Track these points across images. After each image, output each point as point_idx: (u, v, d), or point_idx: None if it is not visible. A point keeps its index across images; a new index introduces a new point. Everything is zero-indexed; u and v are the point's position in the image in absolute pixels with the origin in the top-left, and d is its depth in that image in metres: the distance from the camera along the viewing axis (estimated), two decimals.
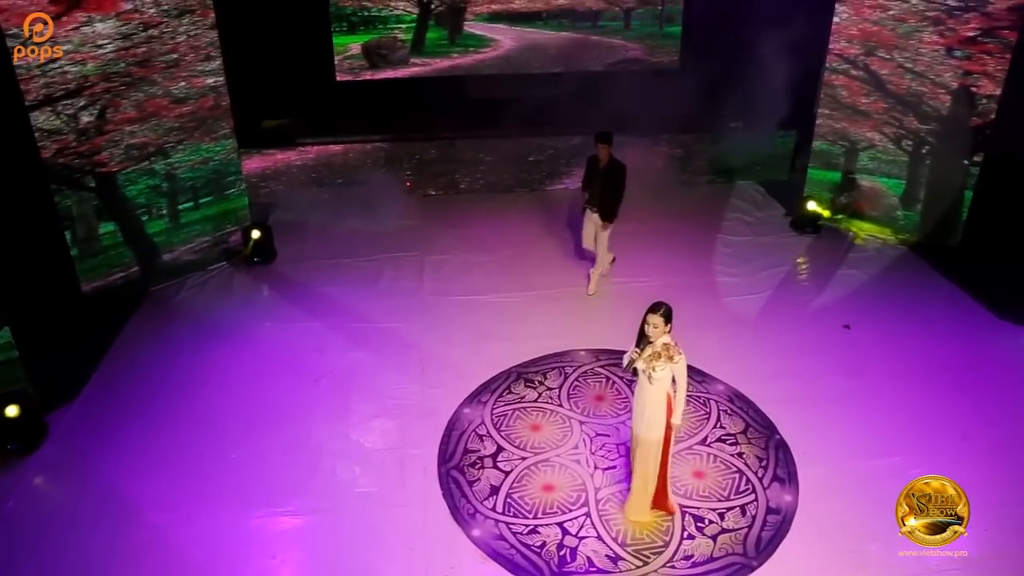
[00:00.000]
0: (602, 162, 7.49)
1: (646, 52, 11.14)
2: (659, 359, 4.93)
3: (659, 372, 4.94)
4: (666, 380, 4.99)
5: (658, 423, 5.09)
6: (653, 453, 5.17)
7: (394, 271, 8.36)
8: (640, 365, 4.98)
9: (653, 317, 4.89)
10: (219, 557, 5.26)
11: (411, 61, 10.80)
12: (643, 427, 5.12)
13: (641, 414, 5.12)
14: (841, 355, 7.10)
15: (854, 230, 9.08)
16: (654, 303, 4.96)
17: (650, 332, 4.92)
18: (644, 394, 5.07)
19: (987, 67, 8.08)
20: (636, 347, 4.99)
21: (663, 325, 4.90)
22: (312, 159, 9.82)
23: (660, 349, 4.93)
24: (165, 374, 6.93)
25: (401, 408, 6.46)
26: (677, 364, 4.96)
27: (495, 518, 5.48)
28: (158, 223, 8.12)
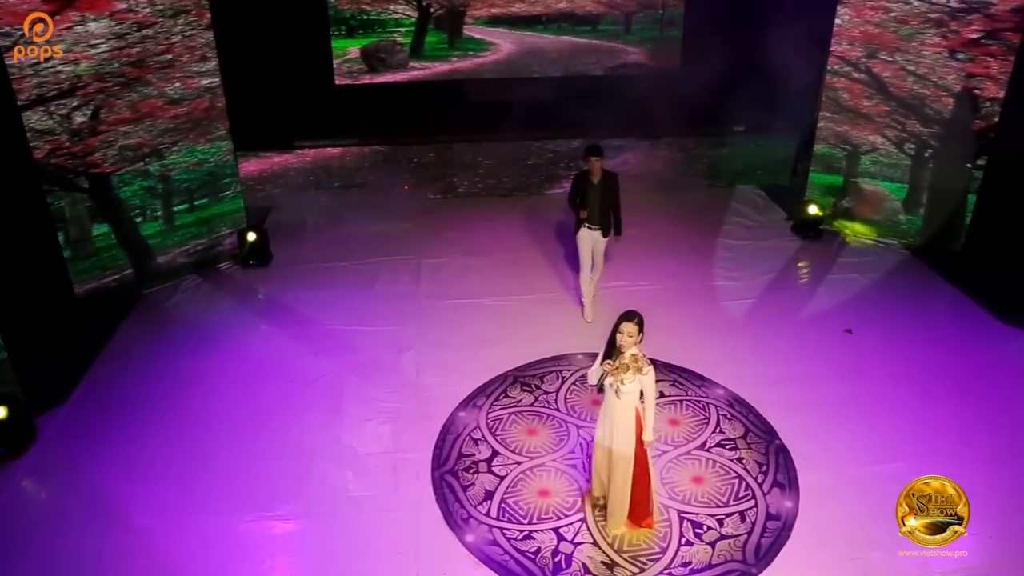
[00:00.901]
0: (596, 176, 7.04)
1: (647, 56, 11.09)
2: (627, 371, 4.75)
3: (628, 385, 4.77)
4: (635, 394, 4.81)
5: (628, 439, 4.93)
6: (623, 468, 5.01)
7: (390, 274, 8.28)
8: (608, 379, 4.80)
9: (628, 326, 4.70)
10: (208, 562, 5.15)
11: (410, 65, 10.78)
12: (614, 443, 4.96)
13: (610, 430, 4.95)
14: (842, 359, 6.99)
15: (847, 231, 8.99)
16: (626, 311, 4.80)
17: (623, 342, 4.72)
18: (612, 409, 4.89)
19: (990, 69, 8.00)
20: (607, 359, 4.79)
21: (637, 334, 4.72)
22: (309, 162, 9.77)
23: (628, 361, 4.75)
24: (157, 377, 6.84)
25: (395, 412, 6.36)
26: (646, 376, 4.77)
27: (489, 523, 5.37)
28: (152, 225, 8.06)
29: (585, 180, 7.09)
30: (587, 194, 7.08)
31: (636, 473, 5.04)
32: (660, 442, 6.05)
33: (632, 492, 5.12)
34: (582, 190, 7.12)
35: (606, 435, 5.01)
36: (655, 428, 5.04)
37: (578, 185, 7.17)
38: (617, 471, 5.03)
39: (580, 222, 7.18)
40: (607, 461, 5.07)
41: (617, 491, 5.10)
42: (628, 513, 5.20)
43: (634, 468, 5.02)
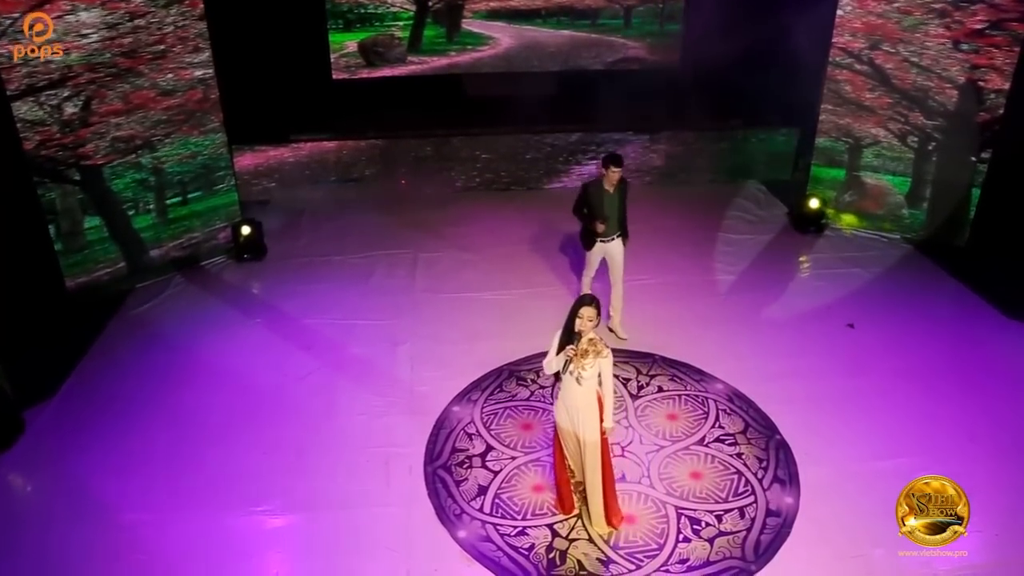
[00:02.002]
0: (613, 187, 6.57)
1: (647, 51, 10.97)
2: (587, 356, 4.64)
3: (588, 371, 4.66)
4: (595, 379, 4.70)
5: (594, 425, 4.81)
6: (592, 456, 4.88)
7: (387, 268, 8.17)
8: (569, 366, 4.67)
9: (588, 310, 4.59)
10: (197, 557, 5.05)
11: (408, 59, 10.67)
12: (581, 430, 4.83)
13: (575, 417, 4.82)
14: (844, 354, 6.87)
15: (841, 223, 8.94)
16: (583, 296, 4.70)
17: (583, 327, 4.61)
18: (573, 397, 4.76)
19: (995, 60, 7.88)
20: (566, 346, 4.65)
21: (596, 318, 4.62)
22: (305, 156, 9.65)
23: (586, 346, 4.64)
24: (148, 371, 6.74)
25: (388, 406, 6.25)
26: (605, 359, 4.67)
27: (482, 519, 5.25)
28: (145, 218, 7.95)
29: (599, 190, 6.61)
30: (602, 205, 6.58)
31: (602, 464, 4.93)
32: (658, 437, 5.95)
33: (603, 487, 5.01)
34: (595, 202, 6.60)
35: (570, 422, 4.86)
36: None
37: (591, 196, 6.63)
38: (591, 458, 4.90)
39: (593, 236, 6.69)
40: (578, 450, 4.93)
41: (594, 481, 4.96)
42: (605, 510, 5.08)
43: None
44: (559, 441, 5.01)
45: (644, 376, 6.56)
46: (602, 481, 4.97)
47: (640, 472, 5.62)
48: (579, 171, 9.93)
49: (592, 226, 6.65)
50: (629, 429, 6.01)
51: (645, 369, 6.64)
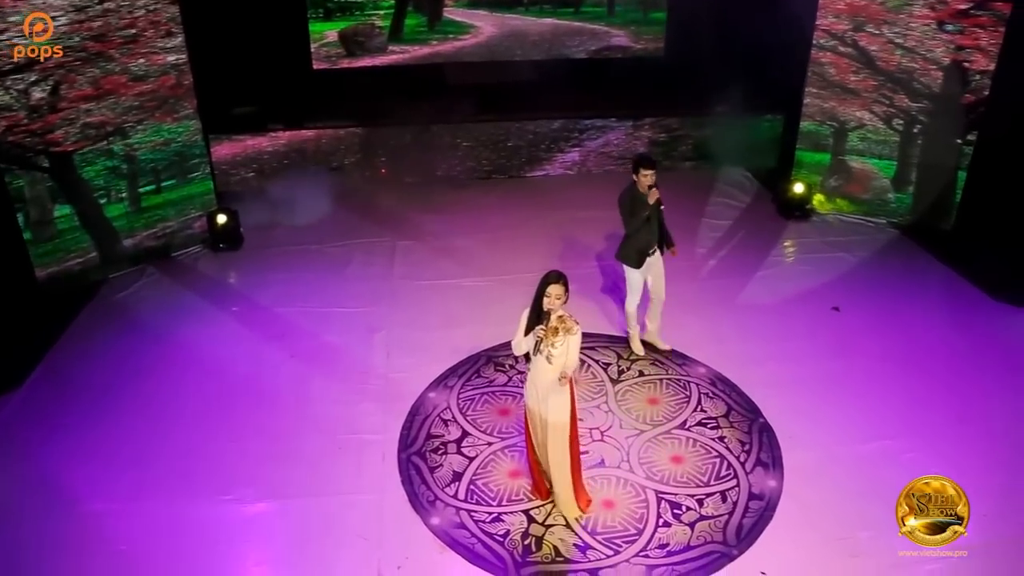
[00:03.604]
0: (656, 191, 5.89)
1: (631, 38, 10.86)
2: (556, 335, 4.49)
3: (559, 348, 4.50)
4: (564, 356, 4.54)
5: (563, 405, 4.67)
6: (560, 438, 4.73)
7: (364, 257, 8.02)
8: (540, 345, 4.51)
9: (555, 288, 4.43)
10: (166, 546, 4.90)
11: (389, 49, 10.54)
12: (549, 412, 4.68)
13: (544, 399, 4.66)
14: (830, 338, 6.76)
15: (821, 207, 8.84)
16: (550, 272, 4.51)
17: (551, 305, 4.45)
18: (543, 376, 4.61)
19: (980, 41, 7.77)
20: (534, 326, 4.51)
21: (564, 295, 4.47)
22: (284, 145, 9.49)
23: (556, 323, 4.49)
24: (120, 362, 6.58)
25: (362, 393, 6.11)
26: (575, 336, 4.51)
27: (456, 506, 5.11)
28: (117, 207, 7.78)
29: (635, 198, 5.90)
30: (639, 213, 5.94)
31: (569, 446, 4.79)
32: (638, 421, 5.82)
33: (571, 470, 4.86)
34: (637, 208, 5.92)
35: (538, 403, 4.72)
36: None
37: (635, 204, 5.93)
38: (556, 441, 4.74)
39: (643, 252, 6.06)
40: (543, 433, 4.77)
41: (559, 465, 4.81)
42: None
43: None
44: (529, 426, 4.87)
45: (625, 361, 6.43)
46: (569, 464, 4.82)
47: (620, 457, 5.49)
48: (561, 159, 9.81)
49: (639, 241, 5.98)
50: (609, 414, 5.88)
51: (626, 354, 6.51)
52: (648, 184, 5.85)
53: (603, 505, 5.11)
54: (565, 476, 4.85)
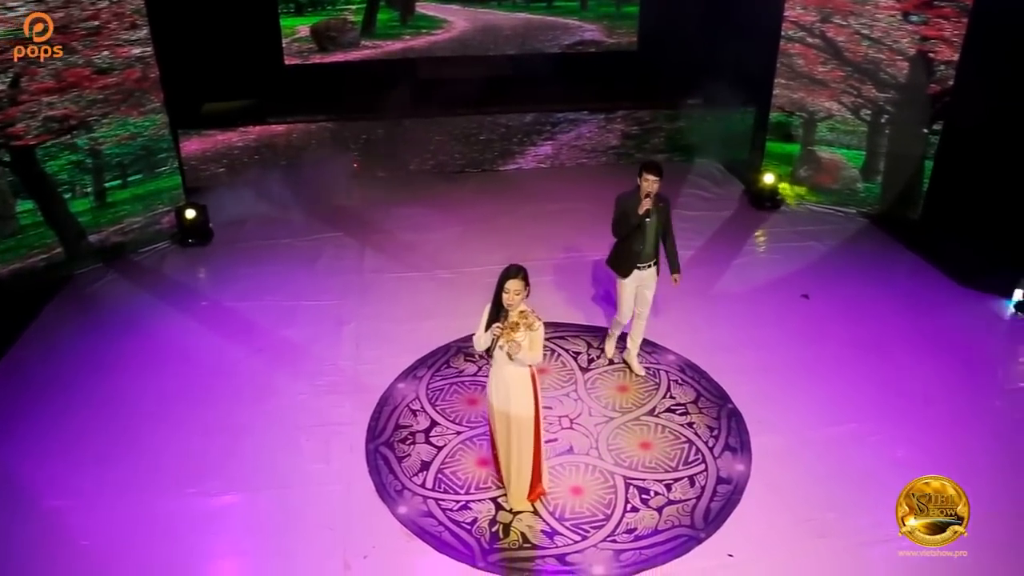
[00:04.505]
0: (652, 201, 5.55)
1: (604, 32, 10.88)
2: (517, 330, 4.40)
3: (520, 344, 4.41)
4: (526, 352, 4.46)
5: (527, 400, 4.60)
6: (525, 431, 4.67)
7: (335, 250, 7.97)
8: (499, 342, 4.46)
9: (514, 283, 4.34)
10: (130, 541, 4.82)
11: (362, 44, 10.48)
12: (512, 406, 4.61)
13: (506, 395, 4.60)
14: (799, 325, 6.79)
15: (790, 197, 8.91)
16: (509, 267, 4.42)
17: (510, 301, 4.37)
18: (505, 372, 4.55)
19: (944, 32, 7.86)
20: (497, 323, 4.43)
21: (524, 290, 4.39)
22: (254, 140, 9.40)
23: (517, 319, 4.42)
24: (83, 357, 6.47)
25: (331, 385, 6.05)
26: (537, 332, 4.44)
27: (424, 494, 5.07)
28: (82, 202, 7.66)
29: (634, 206, 5.59)
30: (640, 224, 5.62)
31: (534, 440, 4.73)
32: (607, 409, 5.81)
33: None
34: (629, 218, 5.61)
35: (501, 399, 4.65)
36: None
37: (626, 212, 5.64)
38: (521, 436, 4.67)
39: (630, 260, 5.76)
40: (506, 427, 4.70)
41: (522, 458, 4.75)
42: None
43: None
44: (491, 420, 4.82)
45: (595, 349, 6.42)
46: (532, 458, 4.77)
47: (588, 444, 5.47)
48: (534, 152, 9.80)
49: (626, 247, 5.69)
50: (578, 402, 5.86)
51: (596, 343, 6.50)
52: (647, 191, 5.47)
53: (571, 492, 5.09)
54: (527, 469, 4.80)
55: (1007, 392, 6.09)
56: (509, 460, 4.79)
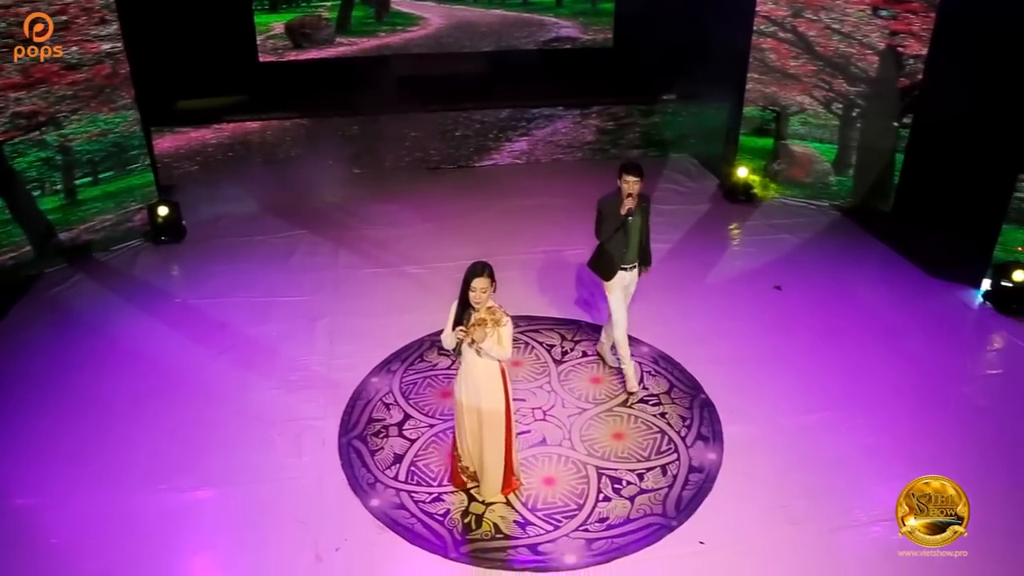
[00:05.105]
0: (634, 201, 5.45)
1: (579, 29, 10.90)
2: (485, 326, 4.41)
3: (487, 342, 4.43)
4: (494, 348, 4.46)
5: (498, 394, 4.60)
6: (497, 425, 4.67)
7: (309, 247, 7.93)
8: (467, 339, 4.44)
9: (480, 281, 4.32)
10: (101, 537, 4.78)
11: (337, 40, 10.44)
12: (483, 401, 4.61)
13: (475, 389, 4.59)
14: (772, 316, 6.84)
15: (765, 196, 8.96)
16: (474, 265, 4.40)
17: (477, 299, 4.35)
18: (474, 370, 4.54)
19: (912, 26, 7.95)
20: (462, 323, 4.42)
21: (490, 287, 4.38)
22: (228, 137, 9.34)
23: (484, 315, 4.41)
24: (53, 355, 6.39)
25: (304, 380, 6.03)
26: (505, 327, 4.43)
27: (396, 487, 5.06)
28: (52, 199, 7.58)
29: (615, 208, 5.46)
30: (623, 226, 5.51)
31: (505, 433, 4.74)
32: (581, 400, 5.82)
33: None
34: (610, 222, 5.51)
35: (471, 396, 4.63)
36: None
37: (608, 214, 5.52)
38: (492, 430, 4.68)
39: (613, 263, 5.64)
40: (477, 423, 4.70)
41: (494, 451, 4.75)
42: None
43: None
44: (457, 417, 4.80)
45: (569, 342, 6.44)
46: (504, 451, 4.77)
47: (561, 435, 5.49)
48: (510, 148, 9.81)
49: (607, 251, 5.58)
50: (552, 393, 5.87)
51: (570, 335, 6.52)
52: (628, 192, 5.37)
53: (544, 482, 5.10)
54: (499, 463, 4.80)
55: (974, 379, 6.19)
56: (481, 454, 4.79)
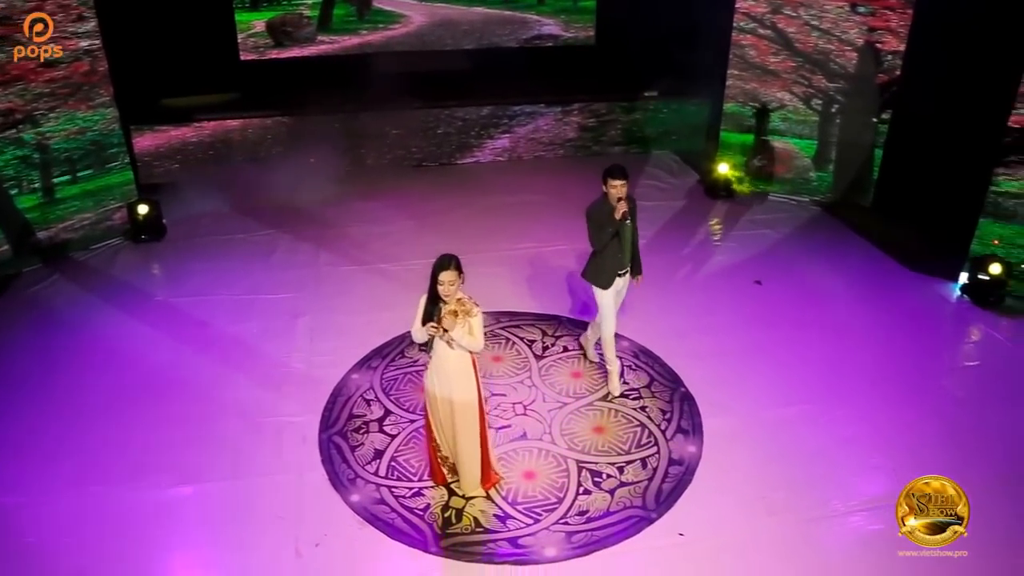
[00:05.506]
0: (625, 205, 5.26)
1: (561, 27, 10.92)
2: (456, 318, 4.41)
3: (459, 331, 4.43)
4: (465, 339, 4.46)
5: (469, 385, 4.60)
6: (470, 416, 4.67)
7: (290, 244, 7.90)
8: (440, 332, 4.43)
9: (447, 274, 4.31)
10: (79, 536, 4.74)
11: (318, 38, 10.40)
12: (455, 392, 4.60)
13: (446, 381, 4.59)
14: (752, 310, 6.88)
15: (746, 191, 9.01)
16: (440, 258, 4.38)
17: (446, 292, 4.35)
18: (445, 362, 4.54)
19: (890, 23, 8.02)
20: (433, 318, 4.41)
21: (458, 279, 4.38)
22: (209, 135, 9.30)
23: (455, 307, 4.42)
24: (34, 355, 6.33)
25: (284, 377, 6.01)
26: (476, 318, 4.43)
27: (376, 482, 5.05)
28: (30, 198, 7.52)
29: (605, 214, 5.28)
30: (619, 232, 5.36)
31: (479, 425, 4.74)
32: (561, 395, 5.83)
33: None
34: (604, 225, 5.32)
35: (444, 388, 4.63)
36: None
37: (600, 219, 5.34)
38: (465, 421, 4.67)
39: (612, 271, 5.49)
40: (450, 415, 4.69)
41: (469, 443, 4.74)
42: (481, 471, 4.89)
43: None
44: (429, 412, 4.79)
45: (550, 337, 6.45)
46: (480, 443, 4.77)
47: (542, 429, 5.49)
48: (491, 145, 9.82)
49: (606, 262, 5.43)
50: (532, 388, 5.88)
51: (551, 331, 6.53)
52: (617, 197, 5.24)
53: (524, 476, 5.10)
54: (475, 455, 4.80)
55: (952, 371, 6.24)
56: (456, 447, 4.79)
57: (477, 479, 4.89)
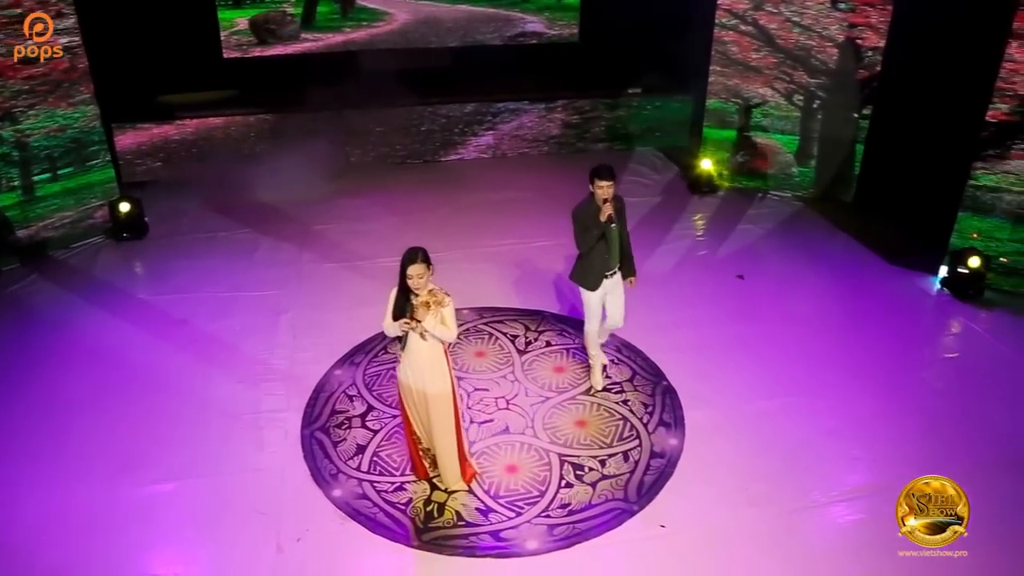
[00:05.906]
0: (611, 206, 5.19)
1: (545, 24, 10.92)
2: (427, 309, 4.41)
3: (431, 323, 4.43)
4: (438, 330, 4.47)
5: (443, 376, 4.61)
6: (444, 408, 4.68)
7: (273, 242, 7.87)
8: (413, 326, 4.43)
9: (415, 268, 4.31)
10: (61, 532, 4.73)
11: (302, 36, 10.36)
12: (428, 384, 4.61)
13: (419, 373, 4.59)
14: (734, 304, 6.91)
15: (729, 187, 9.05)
16: (408, 252, 4.38)
17: (416, 285, 4.36)
18: (417, 355, 4.54)
19: (871, 19, 8.07)
20: (405, 319, 4.41)
21: (427, 271, 4.38)
22: (191, 133, 9.25)
23: (427, 298, 4.43)
24: (14, 354, 6.28)
25: (267, 374, 5.99)
26: (447, 308, 4.44)
27: (359, 477, 5.05)
28: (9, 196, 7.47)
29: (592, 215, 5.20)
30: (596, 233, 5.25)
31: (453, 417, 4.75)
32: (544, 389, 5.84)
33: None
34: (591, 227, 5.24)
35: (417, 379, 4.63)
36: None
37: (587, 221, 5.25)
38: (439, 413, 4.68)
39: (598, 272, 5.42)
40: (425, 407, 4.70)
41: (445, 435, 4.75)
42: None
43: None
44: (406, 406, 4.80)
45: (533, 332, 6.46)
46: (455, 434, 4.78)
47: (524, 423, 5.50)
48: (475, 142, 9.82)
49: (593, 264, 5.36)
50: (515, 383, 5.89)
51: (534, 326, 6.54)
52: (603, 198, 5.14)
53: (506, 470, 5.11)
54: (451, 447, 4.80)
55: (932, 363, 6.30)
56: (432, 440, 4.80)
57: (457, 472, 4.89)
